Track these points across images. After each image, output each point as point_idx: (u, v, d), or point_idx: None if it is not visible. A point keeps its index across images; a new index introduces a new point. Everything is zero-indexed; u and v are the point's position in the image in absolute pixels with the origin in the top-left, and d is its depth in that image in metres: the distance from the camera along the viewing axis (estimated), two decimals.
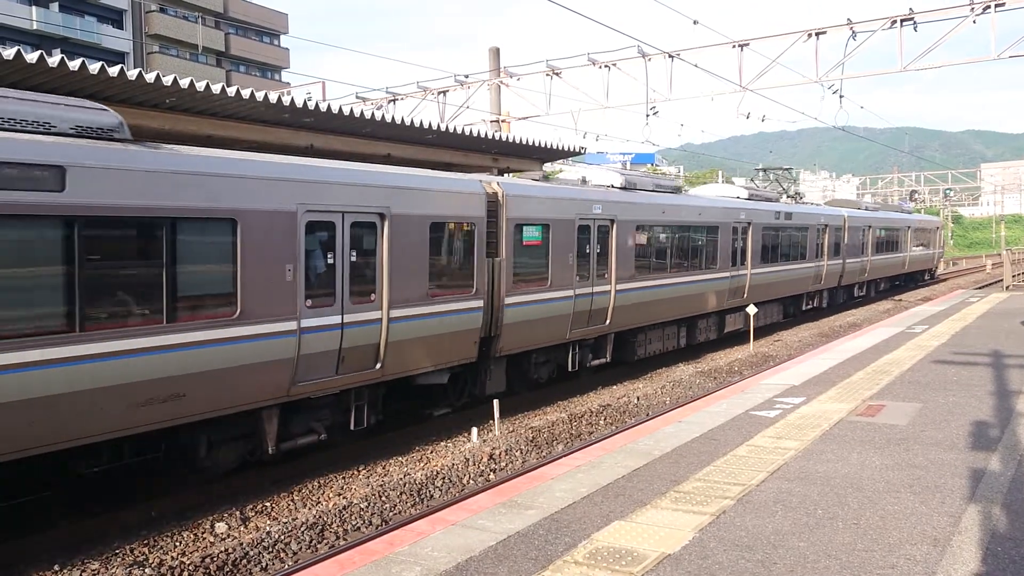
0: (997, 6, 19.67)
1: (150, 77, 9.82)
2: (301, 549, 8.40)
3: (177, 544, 8.54)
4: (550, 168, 30.64)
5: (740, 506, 6.76)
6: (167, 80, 9.96)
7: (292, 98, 11.52)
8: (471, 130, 15.47)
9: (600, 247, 15.72)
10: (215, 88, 10.51)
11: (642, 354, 17.97)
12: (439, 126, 14.15)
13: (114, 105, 9.55)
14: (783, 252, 24.76)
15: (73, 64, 9.13)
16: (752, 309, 20.85)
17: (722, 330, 21.76)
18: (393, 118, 13.35)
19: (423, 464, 11.23)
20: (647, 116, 23.78)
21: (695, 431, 9.38)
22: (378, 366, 10.94)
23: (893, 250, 36.87)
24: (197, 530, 8.88)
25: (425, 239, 11.58)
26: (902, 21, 20.77)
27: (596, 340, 16.32)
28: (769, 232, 23.62)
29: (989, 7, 19.72)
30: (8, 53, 8.71)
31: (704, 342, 21.12)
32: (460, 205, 12.31)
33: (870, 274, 33.82)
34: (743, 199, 23.53)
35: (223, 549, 8.13)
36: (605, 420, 13.64)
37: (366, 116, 12.77)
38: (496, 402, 12.89)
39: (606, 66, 23.79)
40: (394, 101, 26.52)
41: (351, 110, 12.37)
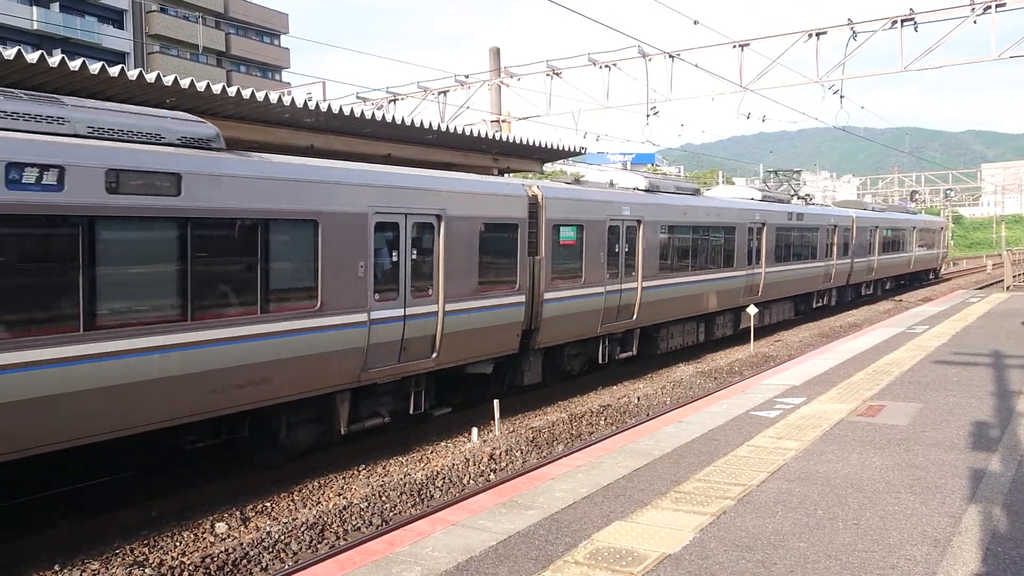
0: (998, 6, 19.68)
1: (150, 77, 9.81)
2: (301, 549, 8.40)
3: (177, 544, 8.54)
4: (550, 168, 30.63)
5: (740, 506, 6.76)
6: (167, 80, 9.95)
7: (293, 98, 11.51)
8: (471, 130, 15.45)
9: (628, 246, 16.59)
10: (216, 88, 10.50)
11: (664, 348, 18.80)
12: (439, 126, 14.14)
13: None
14: (795, 252, 25.42)
15: (74, 64, 9.13)
16: (752, 309, 20.98)
17: (737, 326, 22.31)
18: (393, 118, 13.34)
19: (423, 464, 11.24)
20: (647, 116, 23.83)
21: (695, 431, 9.38)
22: (434, 355, 11.88)
23: (899, 250, 37.49)
24: (197, 530, 8.88)
25: (475, 238, 12.55)
26: (903, 21, 20.77)
27: (623, 335, 17.13)
28: (782, 232, 24.30)
29: (990, 7, 19.73)
30: (9, 53, 8.71)
31: (721, 338, 21.72)
32: (505, 207, 13.28)
33: (877, 273, 34.52)
34: (757, 200, 24.07)
35: (223, 549, 8.14)
36: (605, 420, 13.65)
37: (366, 116, 12.76)
38: (496, 402, 12.94)
39: (606, 66, 23.80)
40: (394, 101, 26.52)
41: (351, 110, 12.36)
